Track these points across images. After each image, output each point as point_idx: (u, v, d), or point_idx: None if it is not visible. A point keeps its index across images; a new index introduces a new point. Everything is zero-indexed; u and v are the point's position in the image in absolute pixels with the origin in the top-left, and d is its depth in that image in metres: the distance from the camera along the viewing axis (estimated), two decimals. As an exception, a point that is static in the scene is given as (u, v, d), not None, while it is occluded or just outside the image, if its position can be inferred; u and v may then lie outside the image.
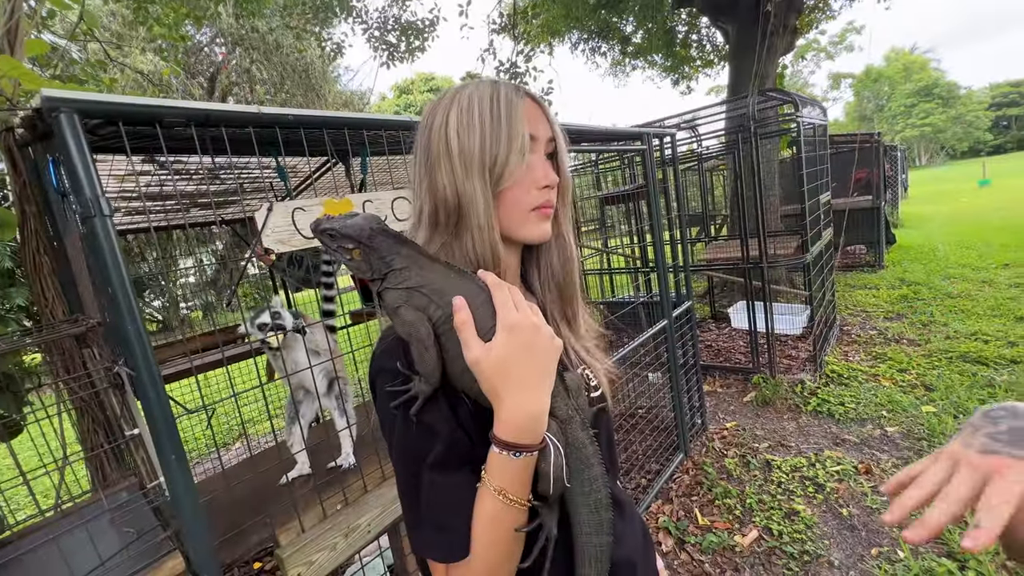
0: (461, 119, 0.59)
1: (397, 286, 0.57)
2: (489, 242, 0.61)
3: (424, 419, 0.55)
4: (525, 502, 0.54)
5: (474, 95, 0.60)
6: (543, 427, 0.54)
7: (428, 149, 0.62)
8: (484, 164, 0.59)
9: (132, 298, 0.85)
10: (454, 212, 0.61)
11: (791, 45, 6.09)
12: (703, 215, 6.41)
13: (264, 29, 9.98)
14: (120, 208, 2.79)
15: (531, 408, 0.52)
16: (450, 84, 31.02)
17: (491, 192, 0.60)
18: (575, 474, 0.58)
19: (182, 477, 0.92)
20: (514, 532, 0.54)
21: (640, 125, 3.91)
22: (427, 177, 0.62)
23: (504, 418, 0.52)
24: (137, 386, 0.89)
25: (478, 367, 0.52)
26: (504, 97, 0.60)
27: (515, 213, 0.63)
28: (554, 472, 0.54)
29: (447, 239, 0.63)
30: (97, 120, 0.91)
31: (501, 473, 0.52)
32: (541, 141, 0.64)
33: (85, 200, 0.82)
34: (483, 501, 0.53)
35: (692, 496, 2.62)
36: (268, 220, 1.07)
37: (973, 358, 3.62)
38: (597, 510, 0.59)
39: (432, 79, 31.31)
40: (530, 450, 0.52)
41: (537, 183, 0.63)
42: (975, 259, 6.60)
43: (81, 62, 4.48)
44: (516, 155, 0.59)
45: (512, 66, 6.81)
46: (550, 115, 0.66)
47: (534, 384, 0.53)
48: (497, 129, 0.59)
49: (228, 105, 0.99)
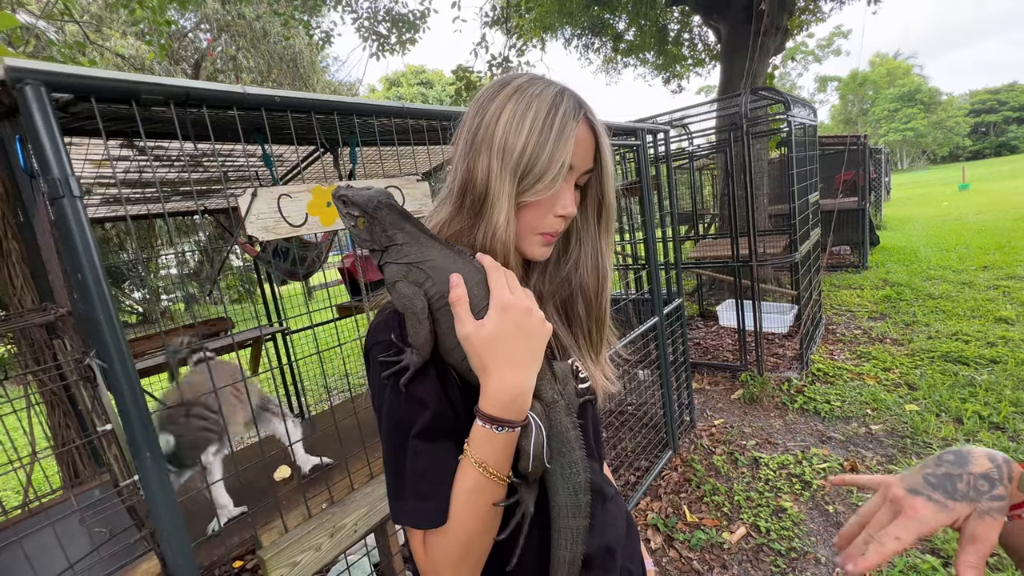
0: (514, 117, 0.59)
1: (397, 260, 0.59)
2: (504, 243, 0.62)
3: (413, 390, 0.57)
4: (504, 478, 0.55)
5: (535, 98, 0.60)
6: (527, 405, 0.55)
7: (475, 132, 0.62)
8: (517, 170, 0.59)
9: (104, 285, 0.79)
10: (479, 200, 0.61)
11: (781, 46, 6.13)
12: (693, 213, 6.44)
13: (251, 16, 9.76)
14: (97, 195, 2.68)
15: (516, 385, 0.54)
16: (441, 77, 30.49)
17: (515, 199, 0.61)
18: (556, 456, 0.60)
19: (157, 474, 0.87)
20: (491, 506, 0.55)
21: (633, 121, 3.90)
22: (467, 158, 0.62)
23: (490, 392, 0.54)
24: (110, 379, 0.84)
25: (468, 342, 0.54)
26: (562, 114, 0.59)
27: (524, 228, 0.65)
28: (534, 451, 0.56)
29: (465, 224, 0.64)
30: (67, 96, 0.85)
31: (483, 446, 0.54)
32: (577, 172, 0.64)
33: (53, 180, 0.76)
34: (464, 473, 0.55)
35: (681, 493, 2.62)
36: (252, 206, 1.02)
37: (954, 358, 3.69)
38: (576, 493, 0.61)
39: (423, 72, 31.01)
40: (512, 426, 0.54)
41: (555, 210, 0.64)
42: (955, 261, 6.73)
43: (59, 43, 4.31)
44: (550, 178, 0.59)
45: (504, 60, 6.75)
46: (603, 144, 0.64)
47: (521, 363, 0.55)
48: (543, 145, 0.58)
49: (210, 84, 0.93)
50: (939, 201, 16.17)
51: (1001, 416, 2.81)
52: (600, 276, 0.72)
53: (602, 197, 0.69)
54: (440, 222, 0.65)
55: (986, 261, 6.44)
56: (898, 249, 8.32)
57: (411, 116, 1.31)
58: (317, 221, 1.11)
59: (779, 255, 4.01)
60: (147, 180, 2.45)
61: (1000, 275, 5.71)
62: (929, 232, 9.75)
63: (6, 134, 1.20)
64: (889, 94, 50.89)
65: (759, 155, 5.20)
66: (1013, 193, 14.25)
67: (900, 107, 50.62)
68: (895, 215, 13.44)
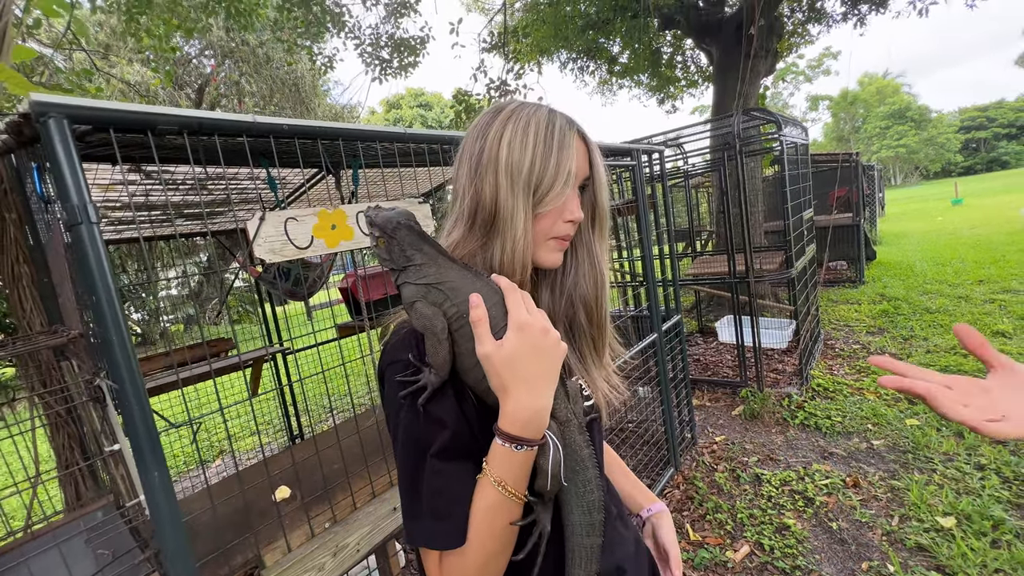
0: (516, 137, 0.62)
1: (416, 281, 0.60)
2: (522, 255, 0.64)
3: (431, 409, 0.58)
4: (522, 496, 0.56)
5: (532, 118, 0.64)
6: (545, 423, 0.56)
7: (479, 156, 0.65)
8: (530, 184, 0.62)
9: (118, 307, 0.82)
10: (490, 219, 0.64)
11: (772, 67, 6.29)
12: (690, 230, 6.51)
13: (254, 42, 10.00)
14: (105, 219, 2.73)
15: (535, 404, 0.55)
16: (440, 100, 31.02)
17: (531, 211, 0.63)
18: (570, 475, 0.61)
19: (165, 496, 0.88)
20: (509, 525, 0.56)
21: (628, 142, 3.98)
22: (473, 182, 0.65)
23: (509, 411, 0.55)
24: (120, 399, 0.86)
25: (489, 361, 0.55)
26: (559, 128, 0.64)
27: (538, 238, 0.67)
28: (552, 469, 0.57)
29: (476, 245, 0.66)
30: (86, 127, 0.89)
31: (502, 465, 0.55)
32: (579, 178, 0.68)
33: (72, 207, 0.80)
34: (483, 491, 0.56)
35: (683, 511, 2.60)
36: (260, 229, 1.05)
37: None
38: (590, 512, 0.61)
39: (422, 94, 31.59)
40: (531, 444, 0.55)
41: (564, 216, 0.66)
42: (951, 275, 6.78)
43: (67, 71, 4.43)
44: (560, 186, 0.63)
45: (502, 84, 6.90)
46: (595, 154, 0.69)
47: (539, 382, 0.56)
48: (548, 157, 0.62)
49: (222, 114, 0.98)
50: (933, 216, 16.33)
51: (1002, 430, 2.80)
52: (598, 281, 0.74)
53: (596, 203, 0.72)
54: (452, 244, 0.67)
55: (981, 275, 6.49)
56: (894, 264, 8.38)
57: (413, 141, 1.36)
58: (322, 243, 1.15)
59: (775, 271, 4.05)
60: (153, 203, 2.50)
61: (996, 289, 5.75)
62: (924, 247, 9.83)
63: (22, 162, 1.25)
64: (880, 112, 51.82)
65: (753, 173, 5.29)
66: (1006, 208, 14.41)
67: (891, 124, 51.49)
68: (890, 230, 13.56)
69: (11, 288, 1.36)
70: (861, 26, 5.95)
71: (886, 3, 5.59)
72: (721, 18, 5.85)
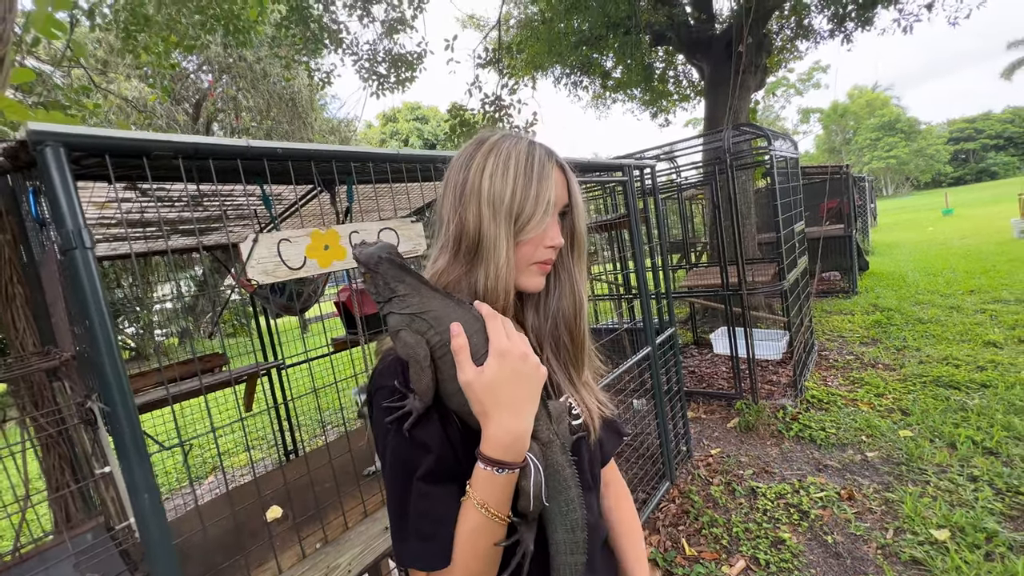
0: (497, 168, 0.65)
1: (400, 311, 0.62)
2: (505, 282, 0.66)
3: (417, 434, 0.60)
4: (505, 517, 0.58)
5: (512, 150, 0.67)
6: (525, 446, 0.58)
7: (462, 187, 0.67)
8: (511, 213, 0.65)
9: (111, 332, 0.83)
10: (473, 247, 0.66)
11: (762, 82, 6.41)
12: (683, 242, 6.56)
13: (252, 58, 10.11)
14: (98, 235, 2.73)
15: (515, 428, 0.57)
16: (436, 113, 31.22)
17: (513, 240, 0.66)
18: (553, 495, 0.62)
19: (155, 518, 0.88)
20: (493, 545, 0.58)
21: (621, 156, 4.03)
22: (457, 211, 0.68)
23: (490, 436, 0.57)
24: (111, 422, 0.87)
25: (470, 388, 0.57)
26: (539, 159, 0.67)
27: (520, 264, 0.69)
28: (533, 490, 0.58)
29: (461, 271, 0.68)
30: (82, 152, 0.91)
31: (484, 488, 0.57)
32: (558, 205, 0.71)
33: (67, 233, 0.81)
34: (466, 514, 0.58)
35: (679, 526, 2.59)
36: (253, 251, 1.07)
37: (946, 382, 3.72)
38: (573, 530, 0.63)
39: (418, 108, 31.87)
40: (512, 467, 0.57)
41: (545, 242, 0.69)
42: (943, 285, 6.85)
43: (64, 87, 4.46)
44: (540, 215, 0.66)
45: (497, 99, 6.99)
46: (572, 184, 0.72)
47: (519, 407, 0.58)
48: (528, 187, 0.65)
49: (216, 139, 1.00)
50: (924, 226, 16.52)
51: (994, 441, 2.82)
52: (576, 301, 0.76)
53: (574, 230, 0.75)
54: (438, 271, 0.69)
55: (972, 285, 6.56)
56: (887, 274, 8.45)
57: (405, 162, 1.38)
58: (315, 264, 1.16)
59: (768, 283, 4.09)
60: (148, 220, 2.51)
61: (986, 299, 5.81)
62: (916, 257, 9.93)
63: (18, 184, 1.26)
64: (870, 124, 52.60)
65: (744, 186, 5.36)
66: (996, 218, 14.59)
67: (881, 136, 52.24)
68: (883, 240, 13.70)
69: (4, 308, 1.37)
70: (848, 43, 6.08)
71: (871, 20, 5.72)
72: (711, 35, 5.97)
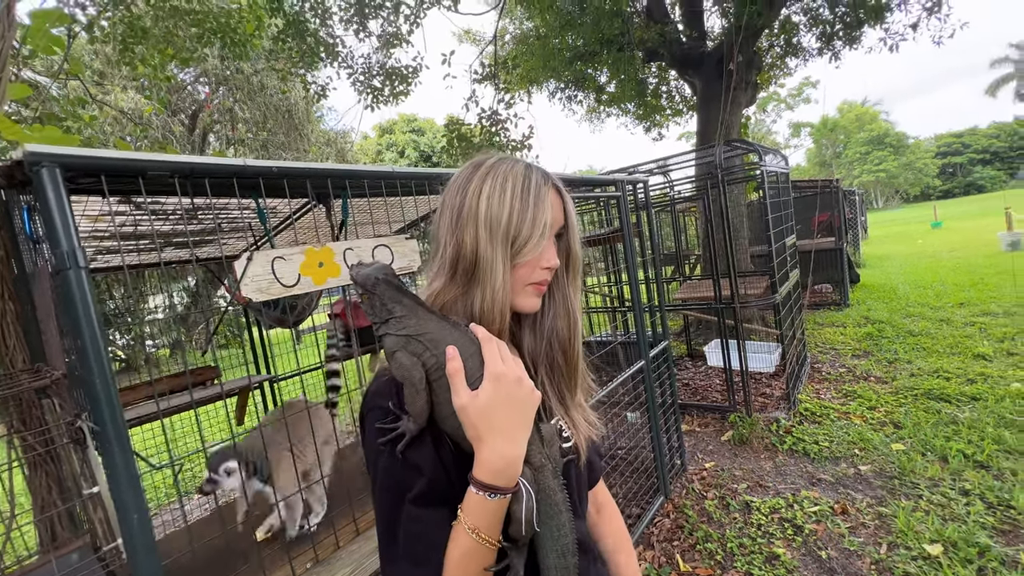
0: (494, 191, 0.66)
1: (397, 332, 0.63)
2: (501, 304, 0.67)
3: (409, 456, 0.59)
4: (496, 542, 0.57)
5: (509, 173, 0.68)
6: (518, 472, 0.58)
7: (459, 209, 0.68)
8: (508, 236, 0.65)
9: (103, 351, 0.83)
10: (470, 269, 0.67)
11: (753, 98, 6.53)
12: (677, 255, 6.61)
13: (249, 71, 10.17)
14: (91, 247, 2.72)
15: (508, 453, 0.57)
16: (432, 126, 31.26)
17: (510, 262, 0.66)
18: (544, 520, 0.62)
19: (143, 539, 0.88)
20: (483, 571, 0.57)
21: (614, 170, 4.08)
22: (455, 233, 0.68)
23: (483, 460, 0.57)
24: (101, 442, 0.86)
25: (464, 412, 0.57)
26: (535, 183, 0.68)
27: (517, 285, 0.70)
28: (525, 515, 0.58)
29: (457, 293, 0.69)
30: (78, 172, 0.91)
31: (476, 512, 0.56)
32: (554, 227, 0.72)
33: (61, 253, 0.82)
34: (457, 538, 0.57)
35: (673, 541, 2.58)
36: (247, 269, 1.07)
37: (937, 395, 3.75)
38: (564, 555, 0.62)
39: (414, 120, 32.07)
40: (504, 492, 0.57)
41: (541, 264, 0.70)
42: (932, 298, 6.92)
43: (61, 98, 4.47)
44: (536, 238, 0.67)
45: (493, 113, 7.07)
46: (568, 205, 0.73)
47: (513, 432, 0.58)
48: (524, 210, 0.66)
49: (212, 159, 1.01)
50: (914, 239, 16.73)
51: (985, 454, 2.84)
52: (571, 321, 0.77)
53: (570, 251, 0.76)
54: (434, 292, 0.70)
55: (962, 298, 6.64)
56: (878, 286, 8.54)
57: (400, 179, 1.40)
58: (309, 281, 1.17)
59: (761, 296, 4.12)
60: (141, 233, 2.51)
61: (975, 312, 5.88)
62: (906, 269, 10.04)
63: (12, 201, 1.26)
64: (860, 138, 53.50)
65: (736, 200, 5.43)
66: (983, 231, 14.81)
67: (871, 150, 53.11)
68: (873, 253, 13.86)
69: (-5, 324, 1.36)
70: (836, 60, 6.22)
71: (858, 39, 5.86)
72: (703, 52, 6.09)
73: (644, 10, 6.48)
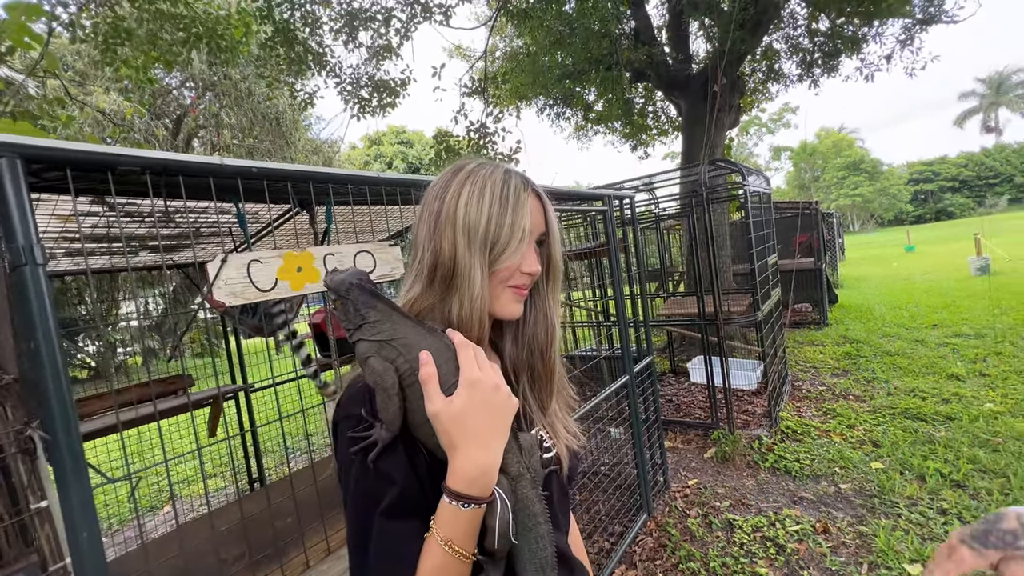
0: (472, 197, 0.65)
1: (370, 337, 0.61)
2: (479, 311, 0.65)
3: (381, 465, 0.57)
4: (470, 555, 0.55)
5: (488, 178, 0.66)
6: (493, 480, 0.56)
7: (438, 215, 0.66)
8: (486, 242, 0.64)
9: (57, 355, 0.78)
10: (448, 275, 0.65)
11: (736, 121, 6.70)
12: (661, 271, 6.68)
13: (236, 77, 10.10)
14: (60, 249, 2.62)
15: (483, 461, 0.55)
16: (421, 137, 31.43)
17: (488, 268, 0.65)
18: (522, 532, 0.60)
19: (93, 558, 0.81)
20: None
21: (602, 186, 4.12)
22: (432, 239, 0.66)
23: (457, 469, 0.55)
24: (52, 453, 0.80)
25: (437, 419, 0.55)
26: (514, 188, 0.66)
27: (496, 290, 0.68)
28: (499, 527, 0.56)
29: (435, 299, 0.67)
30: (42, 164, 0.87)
31: (449, 523, 0.54)
32: (535, 234, 0.70)
33: (17, 248, 0.77)
34: (429, 551, 0.55)
35: (656, 560, 2.53)
36: (221, 271, 1.03)
37: (913, 414, 3.81)
38: (543, 569, 0.60)
39: (403, 132, 32.16)
40: (478, 502, 0.55)
41: (523, 269, 0.68)
42: (907, 319, 7.10)
43: (38, 98, 4.35)
44: (515, 243, 0.65)
45: (482, 126, 7.11)
46: (549, 212, 0.72)
47: (488, 439, 0.56)
48: (503, 216, 0.64)
49: (187, 156, 0.97)
50: (889, 261, 17.24)
51: (961, 474, 2.88)
52: (548, 328, 0.75)
53: (550, 258, 0.75)
54: (412, 298, 0.68)
55: (935, 319, 6.82)
56: (855, 307, 8.74)
57: (385, 185, 1.37)
58: (286, 286, 1.12)
59: (743, 313, 4.17)
60: (115, 235, 2.42)
61: (948, 333, 6.04)
62: (882, 291, 10.31)
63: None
64: (837, 163, 55.35)
65: (720, 219, 5.52)
66: (954, 255, 15.33)
67: (847, 175, 54.93)
68: (851, 274, 14.22)
69: (-54, 325, 1.27)
70: (815, 87, 6.44)
71: (836, 68, 6.08)
72: (688, 74, 6.25)
73: (632, 32, 6.65)
